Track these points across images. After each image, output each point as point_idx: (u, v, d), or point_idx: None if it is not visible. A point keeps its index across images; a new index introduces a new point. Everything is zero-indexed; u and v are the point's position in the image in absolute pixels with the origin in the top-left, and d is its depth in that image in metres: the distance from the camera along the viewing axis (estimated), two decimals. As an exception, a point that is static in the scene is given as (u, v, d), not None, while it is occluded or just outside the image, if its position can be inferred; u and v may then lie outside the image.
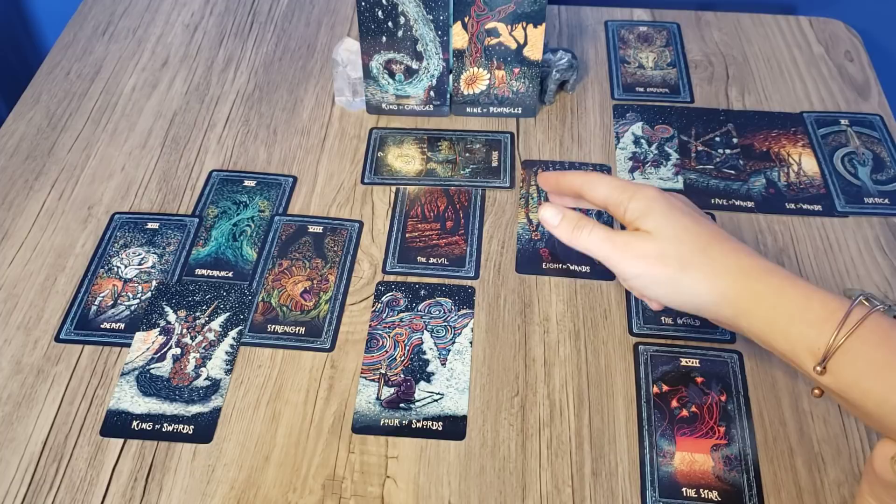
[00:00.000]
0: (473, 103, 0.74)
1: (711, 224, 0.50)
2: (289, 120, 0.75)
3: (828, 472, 0.52)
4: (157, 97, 0.77)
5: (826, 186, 0.70)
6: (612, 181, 0.52)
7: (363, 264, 0.64)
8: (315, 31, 0.85)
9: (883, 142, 0.73)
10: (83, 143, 0.73)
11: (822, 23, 0.86)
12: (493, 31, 0.69)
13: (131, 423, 0.54)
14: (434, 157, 0.72)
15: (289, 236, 0.65)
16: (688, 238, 0.48)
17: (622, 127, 0.75)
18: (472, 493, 0.51)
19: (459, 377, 0.57)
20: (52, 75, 0.80)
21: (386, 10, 0.67)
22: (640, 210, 0.50)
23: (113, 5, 0.88)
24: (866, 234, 0.66)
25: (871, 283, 0.62)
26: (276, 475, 0.52)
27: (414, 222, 0.67)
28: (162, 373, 0.57)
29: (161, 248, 0.64)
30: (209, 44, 0.83)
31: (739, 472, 0.52)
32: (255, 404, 0.55)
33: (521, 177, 0.70)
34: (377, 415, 0.55)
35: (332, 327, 0.59)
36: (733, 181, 0.70)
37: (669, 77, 0.80)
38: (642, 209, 0.49)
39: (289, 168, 0.71)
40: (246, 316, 0.60)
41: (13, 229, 0.66)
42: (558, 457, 0.53)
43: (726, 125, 0.75)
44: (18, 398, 0.56)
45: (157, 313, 0.60)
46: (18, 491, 0.51)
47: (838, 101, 0.77)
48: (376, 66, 0.72)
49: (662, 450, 0.53)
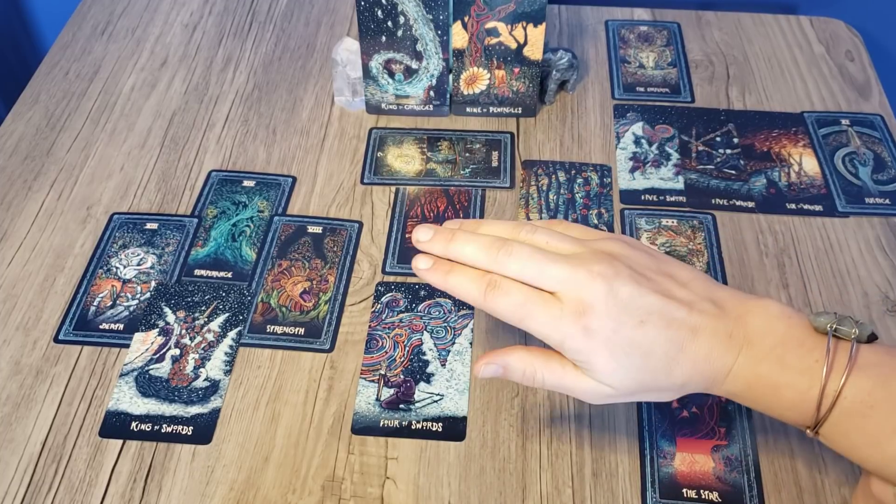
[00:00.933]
0: (473, 103, 0.74)
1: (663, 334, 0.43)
2: (288, 120, 0.75)
3: (828, 473, 0.52)
4: (156, 97, 0.77)
5: (827, 186, 0.69)
6: (546, 319, 0.43)
7: (363, 265, 0.63)
8: (314, 31, 0.85)
9: (884, 142, 0.73)
10: (82, 143, 0.73)
11: (823, 22, 0.86)
12: (493, 31, 0.69)
13: (130, 424, 0.54)
14: (434, 158, 0.72)
15: (288, 237, 0.65)
16: (639, 377, 0.43)
17: (623, 127, 0.75)
18: (472, 493, 0.51)
19: (459, 378, 0.57)
20: (51, 75, 0.80)
21: (385, 9, 0.67)
22: (581, 360, 0.44)
23: (112, 5, 0.87)
24: (867, 235, 0.66)
25: (871, 284, 0.62)
26: (275, 476, 0.52)
27: (414, 222, 0.66)
28: (161, 373, 0.57)
29: (160, 248, 0.64)
30: (208, 43, 0.83)
31: (740, 472, 0.52)
32: (255, 405, 0.55)
33: (522, 177, 0.70)
34: (377, 416, 0.55)
35: (331, 328, 0.59)
36: (734, 181, 0.70)
37: (670, 77, 0.80)
38: (582, 360, 0.43)
39: (288, 168, 0.71)
40: (245, 316, 0.60)
41: (12, 229, 0.66)
42: (558, 457, 0.53)
43: (727, 125, 0.75)
44: (17, 399, 0.55)
45: (156, 314, 0.60)
46: (17, 492, 0.51)
47: (839, 100, 0.77)
48: (376, 66, 0.71)
49: (663, 450, 0.53)
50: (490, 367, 0.46)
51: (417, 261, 0.46)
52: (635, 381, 0.44)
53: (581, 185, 0.69)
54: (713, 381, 0.44)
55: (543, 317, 0.43)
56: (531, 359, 0.45)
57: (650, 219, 0.67)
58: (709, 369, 0.43)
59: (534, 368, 0.45)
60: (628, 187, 0.69)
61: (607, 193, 0.69)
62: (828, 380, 0.41)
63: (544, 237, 0.46)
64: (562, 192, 0.69)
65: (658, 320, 0.43)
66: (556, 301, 0.43)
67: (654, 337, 0.43)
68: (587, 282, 0.43)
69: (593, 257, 0.44)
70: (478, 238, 0.45)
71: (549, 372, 0.45)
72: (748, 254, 0.64)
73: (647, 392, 0.45)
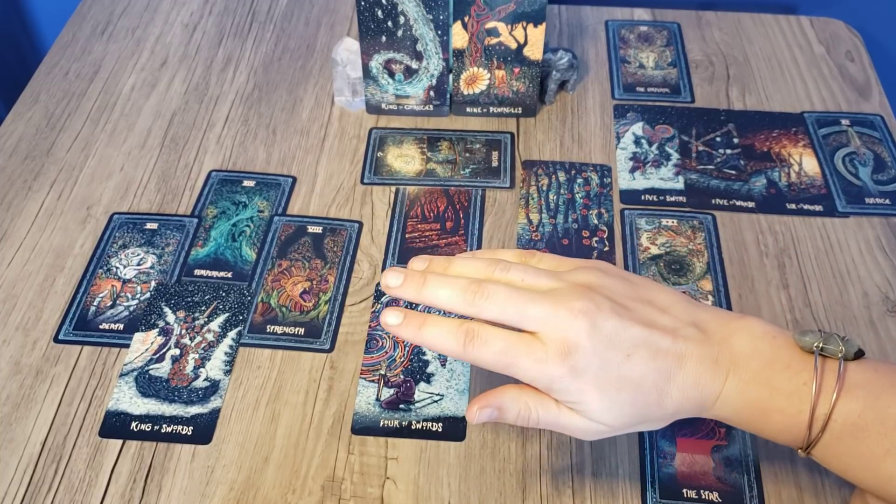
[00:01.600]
0: (473, 103, 0.74)
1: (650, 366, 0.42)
2: (288, 120, 0.75)
3: (828, 473, 0.52)
4: (156, 97, 0.77)
5: (827, 186, 0.69)
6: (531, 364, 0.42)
7: (363, 265, 0.63)
8: (314, 31, 0.85)
9: (884, 142, 0.73)
10: (82, 144, 0.73)
11: (823, 23, 0.86)
12: (493, 31, 0.69)
13: (130, 424, 0.54)
14: (434, 158, 0.71)
15: (288, 237, 0.65)
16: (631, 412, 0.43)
17: (623, 127, 0.75)
18: (471, 494, 0.51)
19: (459, 378, 0.57)
20: (51, 75, 0.79)
21: (386, 9, 0.67)
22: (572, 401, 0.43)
23: (112, 5, 0.87)
24: (867, 235, 0.66)
25: (871, 284, 0.62)
26: (275, 476, 0.52)
27: (414, 223, 0.66)
28: (161, 374, 0.57)
29: (160, 248, 0.64)
30: (208, 43, 0.83)
31: (740, 473, 0.52)
32: (255, 405, 0.55)
33: (522, 177, 0.70)
34: (377, 416, 0.55)
35: (331, 328, 0.59)
36: (734, 181, 0.70)
37: (670, 77, 0.80)
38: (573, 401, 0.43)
39: (288, 168, 0.71)
40: (245, 316, 0.60)
41: (12, 230, 0.66)
42: (559, 458, 0.53)
43: (727, 125, 0.75)
44: (17, 399, 0.55)
45: (156, 314, 0.60)
46: (17, 492, 0.51)
47: (839, 101, 0.77)
48: (376, 66, 0.71)
49: (663, 451, 0.53)
50: (485, 412, 0.44)
51: (386, 316, 0.44)
52: (628, 416, 0.43)
53: (581, 186, 0.69)
54: (703, 407, 0.44)
55: (528, 362, 0.42)
56: (525, 398, 0.44)
57: (650, 219, 0.67)
58: (698, 396, 0.43)
59: (528, 408, 0.44)
60: (628, 187, 0.69)
61: (607, 193, 0.69)
62: (817, 402, 0.41)
63: (519, 274, 0.44)
64: (562, 192, 0.69)
65: (644, 352, 0.42)
66: (539, 343, 0.42)
67: (642, 369, 0.42)
68: (569, 320, 0.41)
69: (572, 293, 0.43)
70: (451, 281, 0.44)
71: (545, 410, 0.44)
72: (748, 254, 0.64)
73: (640, 424, 0.44)
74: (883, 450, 0.40)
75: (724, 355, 0.43)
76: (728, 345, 0.44)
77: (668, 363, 0.42)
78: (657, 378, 0.42)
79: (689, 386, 0.43)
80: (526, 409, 0.44)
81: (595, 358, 0.41)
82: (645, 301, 0.44)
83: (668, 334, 0.43)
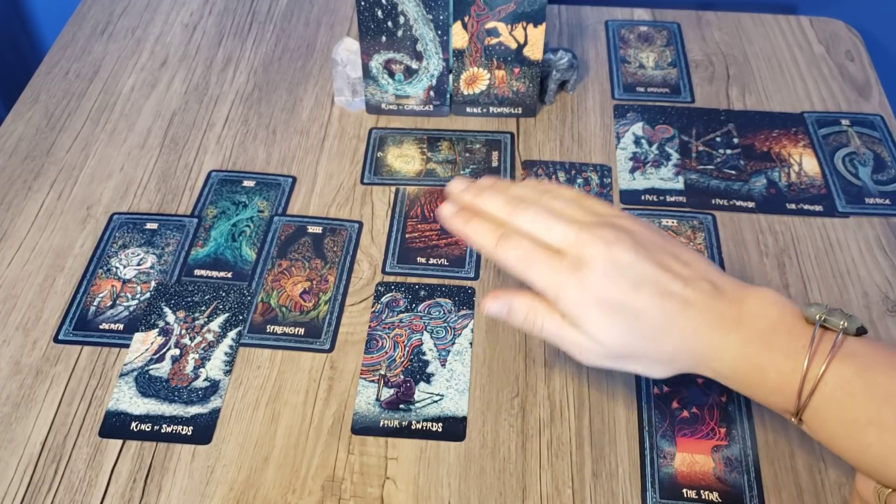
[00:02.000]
0: (473, 103, 0.74)
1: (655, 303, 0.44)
2: (288, 120, 0.75)
3: (828, 474, 0.52)
4: (156, 97, 0.77)
5: (827, 186, 0.69)
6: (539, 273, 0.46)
7: (363, 265, 0.63)
8: (314, 31, 0.85)
9: (884, 142, 0.73)
10: (82, 144, 0.73)
11: (823, 22, 0.86)
12: (493, 31, 0.69)
13: (130, 424, 0.54)
14: (434, 158, 0.71)
15: (288, 237, 0.65)
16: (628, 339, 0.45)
17: (623, 127, 0.75)
18: (471, 494, 0.51)
19: (459, 378, 0.57)
20: (51, 75, 0.79)
21: (386, 9, 0.67)
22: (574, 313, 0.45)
23: (112, 5, 0.87)
24: (867, 235, 0.66)
25: (871, 284, 0.62)
26: (275, 476, 0.52)
27: (414, 223, 0.66)
28: (161, 374, 0.57)
29: (160, 248, 0.64)
30: (208, 43, 0.83)
31: (740, 473, 0.52)
32: (255, 405, 0.55)
33: (522, 177, 0.70)
34: (377, 416, 0.55)
35: (331, 328, 0.59)
36: (734, 181, 0.70)
37: (670, 77, 0.80)
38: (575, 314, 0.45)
39: (288, 168, 0.71)
40: (245, 316, 0.60)
41: (12, 230, 0.66)
42: (559, 458, 0.53)
43: (727, 125, 0.75)
44: (17, 399, 0.55)
45: (156, 314, 0.60)
46: (17, 492, 0.51)
47: (839, 101, 0.77)
48: (376, 66, 0.71)
49: (663, 451, 0.53)
50: (496, 304, 0.48)
51: (443, 208, 0.50)
52: (624, 343, 0.45)
53: (581, 186, 0.69)
54: (701, 359, 0.45)
55: (543, 267, 0.45)
56: (536, 304, 0.47)
57: (650, 219, 0.67)
58: (697, 345, 0.44)
59: (536, 314, 0.47)
60: (628, 187, 0.69)
61: (607, 193, 0.69)
62: (810, 364, 0.42)
63: (562, 204, 0.48)
64: (562, 192, 0.69)
65: (652, 288, 0.44)
66: (559, 256, 0.45)
67: (647, 304, 0.44)
68: (590, 243, 0.45)
69: (602, 225, 0.46)
70: (503, 195, 0.49)
71: (550, 320, 0.46)
72: (748, 254, 0.64)
73: (637, 359, 0.46)
74: (866, 418, 0.41)
75: (731, 313, 0.44)
76: (737, 305, 0.45)
77: (674, 306, 0.44)
78: (659, 316, 0.44)
79: (690, 333, 0.44)
80: (533, 315, 0.47)
81: (605, 279, 0.44)
82: (669, 252, 0.46)
83: (680, 281, 0.45)
